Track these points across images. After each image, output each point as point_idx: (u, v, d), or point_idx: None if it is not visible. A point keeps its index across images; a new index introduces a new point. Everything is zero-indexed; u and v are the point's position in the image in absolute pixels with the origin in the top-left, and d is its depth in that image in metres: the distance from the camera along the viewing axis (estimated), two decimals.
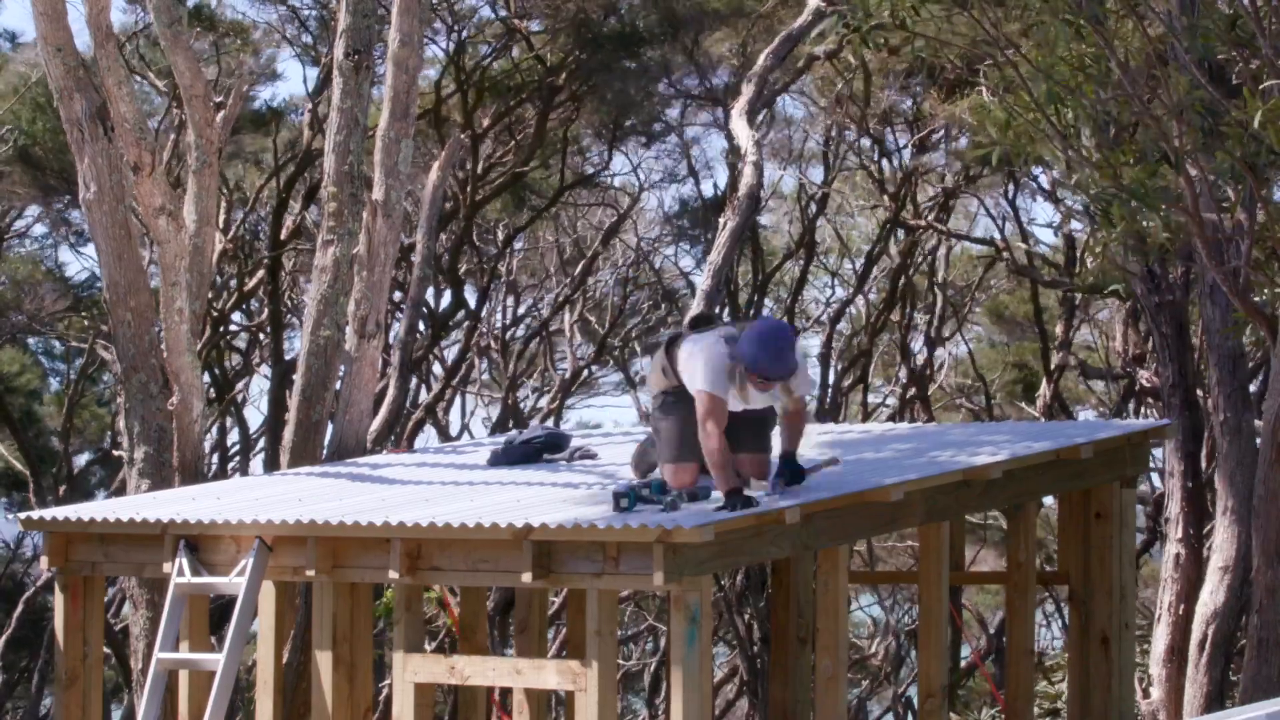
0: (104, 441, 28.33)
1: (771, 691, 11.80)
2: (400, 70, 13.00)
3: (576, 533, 8.81)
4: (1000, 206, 24.66)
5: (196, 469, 12.53)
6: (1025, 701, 11.14)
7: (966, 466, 9.97)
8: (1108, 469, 10.99)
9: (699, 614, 8.74)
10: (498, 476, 10.83)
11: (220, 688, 9.87)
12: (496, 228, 25.49)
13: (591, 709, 8.93)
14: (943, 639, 10.30)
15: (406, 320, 16.54)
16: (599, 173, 24.72)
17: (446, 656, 10.29)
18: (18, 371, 27.34)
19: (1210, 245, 11.28)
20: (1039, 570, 11.92)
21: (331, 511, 9.89)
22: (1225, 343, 13.24)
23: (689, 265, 26.75)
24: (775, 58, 16.86)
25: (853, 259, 27.12)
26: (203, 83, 12.98)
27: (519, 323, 27.53)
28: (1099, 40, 10.34)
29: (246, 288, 23.68)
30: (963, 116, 19.21)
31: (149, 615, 12.20)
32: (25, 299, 25.29)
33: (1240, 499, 12.76)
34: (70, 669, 10.94)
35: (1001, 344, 28.93)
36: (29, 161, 22.31)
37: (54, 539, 10.84)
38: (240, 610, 9.92)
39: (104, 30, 12.46)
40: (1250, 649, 11.34)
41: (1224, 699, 13.07)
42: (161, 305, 12.62)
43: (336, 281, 12.81)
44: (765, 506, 8.94)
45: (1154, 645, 14.35)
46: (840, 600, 9.72)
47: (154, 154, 12.57)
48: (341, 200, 12.91)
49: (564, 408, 26.20)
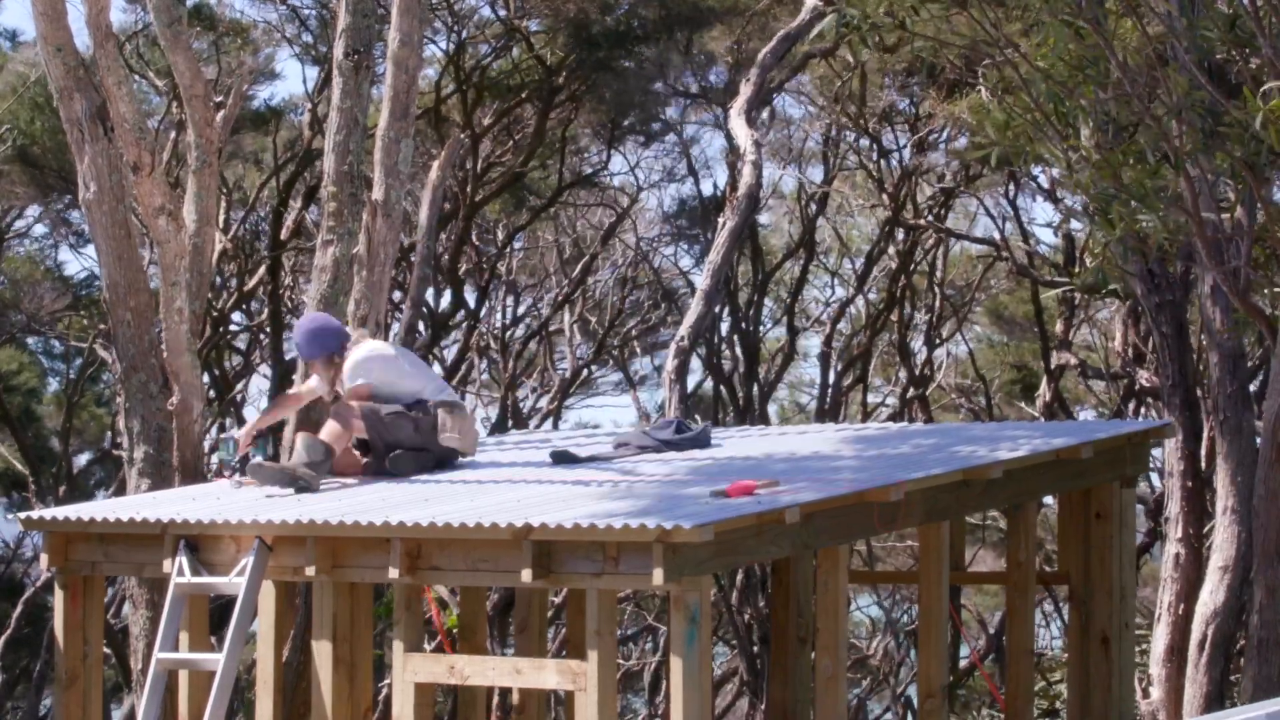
0: (104, 441, 28.34)
1: (771, 691, 11.80)
2: (400, 70, 12.99)
3: (576, 532, 8.81)
4: (1000, 206, 24.68)
5: (196, 469, 12.52)
6: (1025, 701, 11.14)
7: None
8: (1108, 469, 10.99)
9: (699, 614, 8.74)
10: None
11: (220, 688, 9.87)
12: (496, 228, 25.50)
13: (591, 709, 8.93)
14: (943, 639, 10.30)
15: (406, 320, 16.53)
16: (598, 172, 24.73)
17: (446, 656, 10.28)
18: (17, 371, 27.34)
19: (1210, 245, 11.28)
20: (1039, 570, 11.92)
21: (331, 511, 9.89)
22: (1225, 343, 13.24)
23: (688, 265, 26.78)
24: (774, 56, 16.85)
25: (853, 259, 27.12)
26: (203, 82, 12.97)
27: (519, 323, 27.54)
28: (1099, 40, 10.34)
29: (246, 288, 23.68)
30: (962, 116, 19.22)
31: (149, 615, 12.19)
32: (25, 299, 25.29)
33: (1240, 499, 12.76)
34: (70, 669, 10.93)
35: (1001, 344, 28.93)
36: (29, 161, 22.30)
37: (54, 539, 10.83)
38: (240, 610, 9.92)
39: (104, 30, 12.46)
40: (1250, 649, 11.34)
41: (1224, 699, 13.07)
42: (161, 305, 12.61)
43: (336, 281, 12.80)
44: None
45: (1154, 645, 14.35)
46: (840, 600, 9.72)
47: (154, 154, 12.57)
48: (341, 200, 12.90)
49: (563, 408, 26.22)
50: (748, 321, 24.63)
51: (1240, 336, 13.24)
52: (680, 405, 15.47)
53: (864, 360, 25.78)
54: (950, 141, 22.70)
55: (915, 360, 25.24)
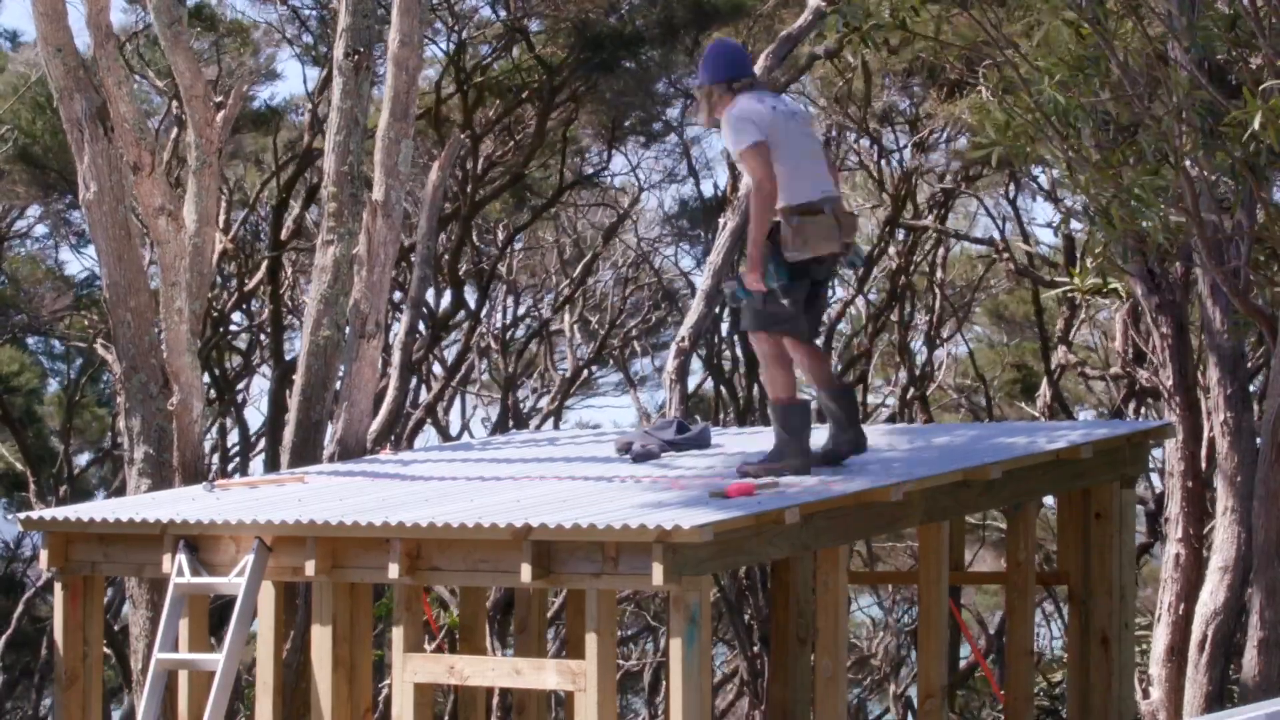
0: (104, 441, 28.34)
1: (771, 691, 11.79)
2: (400, 70, 13.00)
3: (576, 533, 8.81)
4: (1000, 206, 24.68)
5: (196, 469, 12.53)
6: (1025, 702, 11.14)
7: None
8: (1108, 469, 10.99)
9: (699, 614, 8.74)
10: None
11: (220, 688, 9.87)
12: (496, 228, 25.50)
13: (591, 709, 8.93)
14: (943, 639, 10.30)
15: (406, 320, 16.53)
16: (598, 173, 24.73)
17: (446, 656, 10.29)
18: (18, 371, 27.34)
19: (1210, 245, 11.28)
20: (1039, 570, 11.92)
21: (331, 511, 9.90)
22: (1225, 343, 13.23)
23: (689, 265, 26.78)
24: (775, 58, 16.82)
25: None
26: (203, 83, 12.98)
27: (519, 323, 27.54)
28: (1099, 40, 10.34)
29: (246, 288, 23.68)
30: (962, 117, 19.22)
31: (149, 615, 12.20)
32: (25, 299, 25.29)
33: (1240, 499, 12.75)
34: (70, 669, 10.94)
35: (1001, 344, 28.93)
36: (29, 161, 22.31)
37: (54, 539, 10.84)
38: (240, 610, 9.92)
39: (104, 30, 12.46)
40: (1250, 649, 11.33)
41: (1224, 699, 13.06)
42: (161, 305, 12.62)
43: (336, 281, 12.81)
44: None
45: (1154, 645, 14.34)
46: (840, 600, 9.72)
47: (154, 154, 12.57)
48: (341, 200, 12.91)
49: (564, 408, 26.21)
50: None
51: (1240, 336, 13.23)
52: (681, 406, 15.47)
53: (864, 360, 25.77)
54: (950, 142, 22.71)
55: (915, 360, 25.24)
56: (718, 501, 9.07)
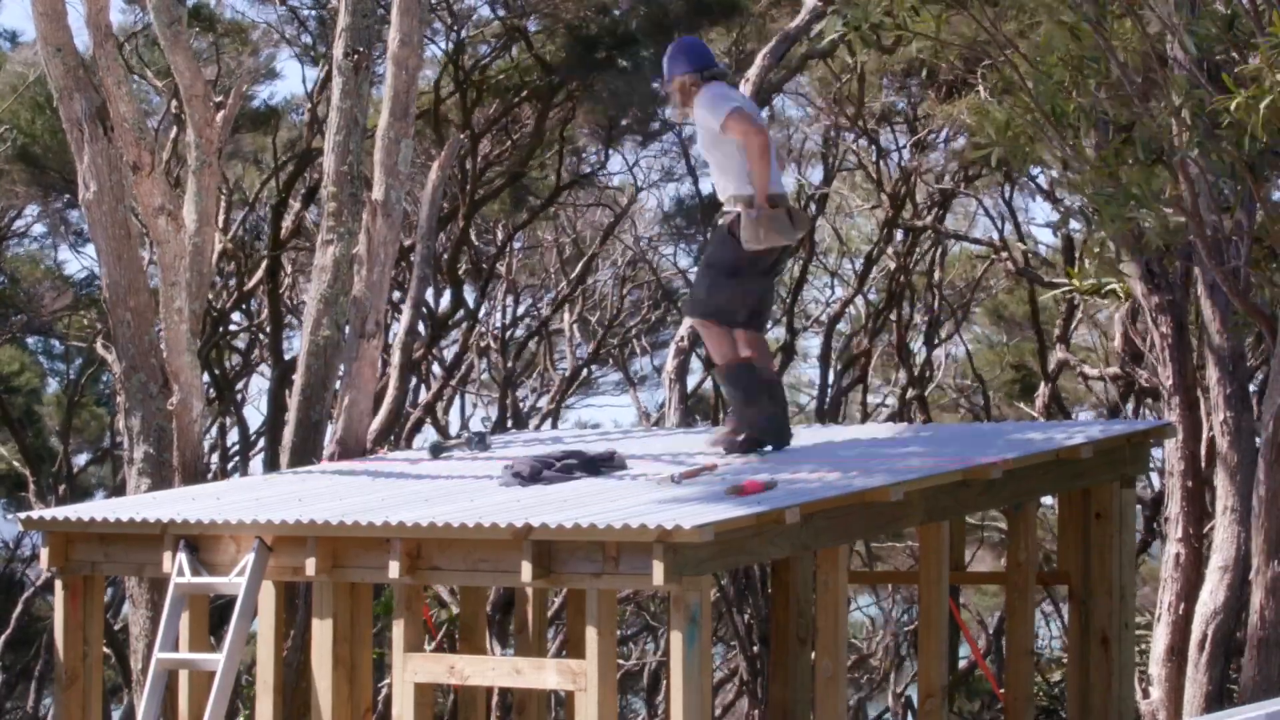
0: (104, 441, 28.35)
1: (771, 691, 11.79)
2: (400, 70, 13.00)
3: (576, 533, 8.81)
4: (999, 206, 24.69)
5: (196, 469, 12.53)
6: (1025, 701, 11.14)
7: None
8: (1108, 469, 10.99)
9: (699, 614, 8.75)
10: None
11: (220, 688, 9.88)
12: (496, 228, 25.50)
13: (591, 709, 8.93)
14: (943, 639, 10.30)
15: (406, 320, 16.53)
16: (596, 172, 24.73)
17: (446, 656, 10.29)
18: (18, 371, 27.36)
19: (1210, 245, 11.28)
20: (1039, 570, 11.93)
21: (331, 511, 9.90)
22: (1225, 343, 13.24)
23: (687, 264, 26.77)
24: (772, 57, 16.84)
25: (852, 259, 27.12)
26: (202, 83, 12.97)
27: (518, 322, 27.54)
28: (1098, 40, 10.34)
29: (246, 288, 23.67)
30: (961, 117, 19.23)
31: (149, 615, 12.20)
32: (25, 299, 25.30)
33: (1240, 499, 12.76)
34: (70, 669, 10.94)
35: (1000, 344, 28.94)
36: (29, 161, 22.31)
37: (54, 539, 10.84)
38: (240, 610, 9.93)
39: (103, 30, 12.46)
40: (1250, 649, 11.33)
41: (1224, 699, 13.07)
42: (161, 305, 12.62)
43: (336, 281, 12.81)
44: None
45: (1154, 645, 14.34)
46: (840, 600, 9.72)
47: (154, 154, 12.57)
48: (341, 200, 12.91)
49: (563, 407, 26.22)
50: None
51: (1240, 336, 13.23)
52: (680, 405, 15.47)
53: (864, 360, 25.78)
54: (949, 142, 22.72)
55: (915, 360, 25.24)
56: (721, 499, 9.07)
